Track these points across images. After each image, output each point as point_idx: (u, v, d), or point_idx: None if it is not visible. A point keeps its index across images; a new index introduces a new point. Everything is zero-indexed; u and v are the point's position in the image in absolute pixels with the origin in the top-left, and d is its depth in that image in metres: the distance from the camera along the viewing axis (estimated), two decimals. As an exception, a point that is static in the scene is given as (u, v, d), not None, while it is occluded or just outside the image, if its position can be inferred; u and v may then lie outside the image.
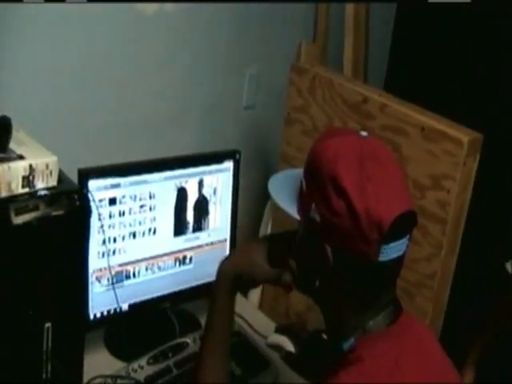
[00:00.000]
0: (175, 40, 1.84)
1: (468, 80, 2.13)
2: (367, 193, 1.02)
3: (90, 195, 1.38)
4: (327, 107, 1.77)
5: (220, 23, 1.93)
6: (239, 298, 1.81)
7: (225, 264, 1.26)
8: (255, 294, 1.99)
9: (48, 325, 1.21)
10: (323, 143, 1.09)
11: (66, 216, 1.17)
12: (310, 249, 1.10)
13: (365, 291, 1.09)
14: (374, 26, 2.29)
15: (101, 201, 1.45)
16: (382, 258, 1.03)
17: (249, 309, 1.81)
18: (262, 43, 2.08)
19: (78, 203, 1.19)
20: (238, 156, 1.67)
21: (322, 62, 2.16)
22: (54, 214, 1.17)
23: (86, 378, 1.37)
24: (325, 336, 1.26)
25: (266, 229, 2.01)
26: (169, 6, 1.79)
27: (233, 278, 1.23)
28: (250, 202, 2.11)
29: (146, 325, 1.62)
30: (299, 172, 1.16)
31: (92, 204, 1.34)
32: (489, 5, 2.08)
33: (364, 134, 1.10)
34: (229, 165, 1.66)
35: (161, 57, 1.82)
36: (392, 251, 1.04)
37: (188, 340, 1.56)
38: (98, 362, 1.50)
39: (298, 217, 1.10)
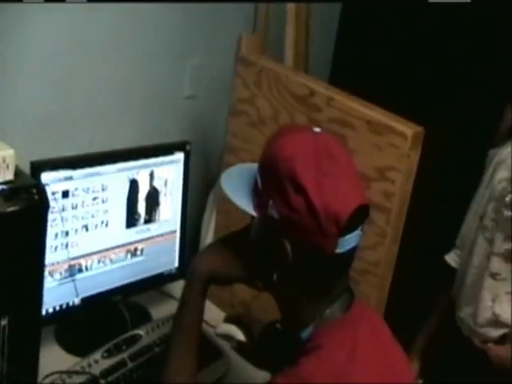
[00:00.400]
0: (120, 30, 1.83)
1: (411, 75, 2.19)
2: (324, 189, 1.06)
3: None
4: (274, 99, 1.78)
5: (162, 13, 1.93)
6: (180, 284, 1.83)
7: (199, 263, 1.25)
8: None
9: (4, 322, 1.20)
10: (279, 142, 1.13)
11: (23, 211, 1.17)
12: (267, 245, 1.14)
13: (321, 282, 1.14)
14: (319, 20, 2.33)
15: (54, 194, 1.44)
16: (339, 250, 1.08)
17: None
18: (203, 33, 2.09)
19: (36, 197, 1.18)
20: (188, 147, 1.68)
21: (263, 53, 2.18)
22: (12, 209, 1.15)
23: (39, 375, 1.36)
24: (279, 326, 1.28)
25: (210, 219, 2.02)
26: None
27: (208, 277, 1.23)
28: (191, 193, 2.12)
29: (97, 319, 1.62)
30: (252, 167, 1.18)
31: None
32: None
33: (317, 130, 1.14)
34: (179, 156, 1.67)
35: (106, 46, 1.81)
36: (348, 243, 1.10)
37: (141, 332, 1.57)
38: (50, 358, 1.49)
39: (254, 214, 1.13)
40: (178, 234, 1.71)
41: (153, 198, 1.63)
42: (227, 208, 1.94)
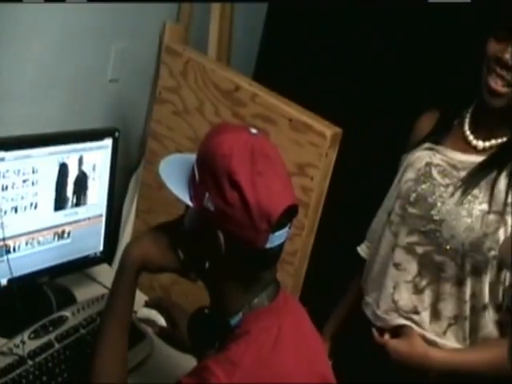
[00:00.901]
0: (46, 12, 1.81)
1: (334, 76, 2.26)
2: (258, 187, 1.13)
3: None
4: (199, 91, 1.84)
5: None
6: (104, 268, 1.87)
7: (132, 250, 1.28)
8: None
9: None
10: (217, 138, 1.18)
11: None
12: (201, 234, 1.20)
13: (251, 273, 1.22)
14: (243, 16, 2.39)
15: (-16, 175, 1.45)
16: (269, 245, 1.16)
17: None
18: (129, 18, 2.10)
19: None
20: (117, 134, 1.72)
21: (186, 43, 2.23)
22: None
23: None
24: (208, 312, 1.34)
25: (131, 204, 2.07)
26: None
27: (140, 264, 1.27)
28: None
29: (22, 300, 1.63)
30: (190, 159, 1.24)
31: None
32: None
33: (254, 131, 1.21)
34: (108, 142, 1.70)
35: (32, 28, 1.80)
36: (277, 239, 1.18)
37: (67, 314, 1.60)
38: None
39: (190, 204, 1.19)
40: (103, 218, 1.75)
41: (81, 182, 1.66)
42: (148, 193, 1.99)
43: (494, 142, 1.59)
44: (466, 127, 1.64)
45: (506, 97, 1.51)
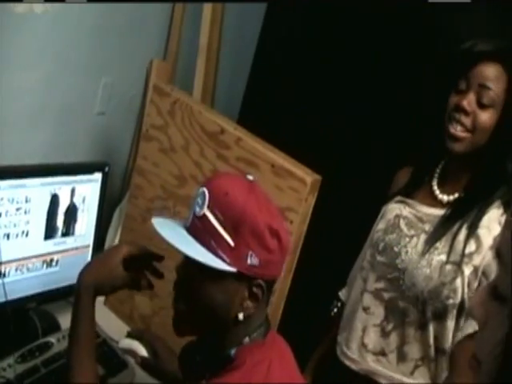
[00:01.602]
0: (40, 42, 1.88)
1: (317, 125, 2.34)
2: (282, 227, 1.25)
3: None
4: (185, 131, 1.91)
5: (82, 32, 2.00)
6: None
7: (85, 276, 1.33)
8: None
9: None
10: (241, 198, 1.22)
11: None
12: (230, 297, 1.24)
13: (263, 309, 1.31)
14: (231, 60, 2.49)
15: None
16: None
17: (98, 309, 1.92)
18: (117, 54, 2.18)
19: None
20: (107, 168, 1.79)
21: (172, 81, 2.33)
22: None
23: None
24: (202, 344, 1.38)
25: (115, 235, 2.12)
26: (38, 7, 1.83)
27: (94, 289, 1.33)
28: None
29: (9, 325, 1.67)
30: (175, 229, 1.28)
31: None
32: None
33: (251, 178, 1.30)
34: (98, 176, 1.77)
35: (25, 57, 1.86)
36: None
37: (52, 340, 1.66)
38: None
39: (231, 269, 1.20)
40: (90, 249, 1.82)
41: (71, 213, 1.73)
42: (132, 225, 2.05)
43: (457, 195, 1.69)
44: (435, 182, 1.75)
45: (465, 142, 1.62)
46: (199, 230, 1.22)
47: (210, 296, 1.23)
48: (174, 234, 1.24)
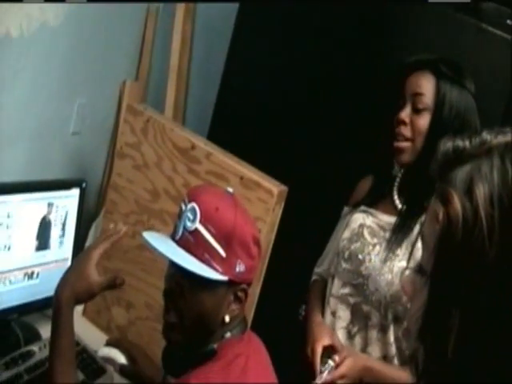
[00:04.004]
0: (14, 65, 1.93)
1: (284, 139, 2.41)
2: (259, 235, 1.41)
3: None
4: (158, 148, 1.99)
5: (57, 53, 2.06)
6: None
7: (63, 290, 1.38)
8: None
9: None
10: (229, 213, 1.34)
11: None
12: (220, 303, 1.36)
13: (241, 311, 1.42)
14: (200, 78, 2.59)
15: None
16: None
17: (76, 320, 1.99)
18: (91, 75, 2.26)
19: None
20: (84, 184, 1.88)
21: (144, 100, 2.43)
22: None
23: None
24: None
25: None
26: (15, 31, 1.91)
27: (74, 302, 1.38)
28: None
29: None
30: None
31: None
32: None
33: (230, 190, 1.41)
34: (76, 192, 1.86)
35: (1, 81, 1.91)
36: None
37: (34, 348, 1.73)
38: None
39: (223, 278, 1.32)
40: (69, 261, 1.89)
41: (50, 227, 1.81)
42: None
43: None
44: (395, 192, 1.85)
45: (408, 151, 1.73)
46: (191, 244, 1.32)
47: (202, 304, 1.34)
48: (167, 248, 1.34)
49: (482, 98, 1.78)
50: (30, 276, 1.80)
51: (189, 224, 1.31)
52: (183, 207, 1.35)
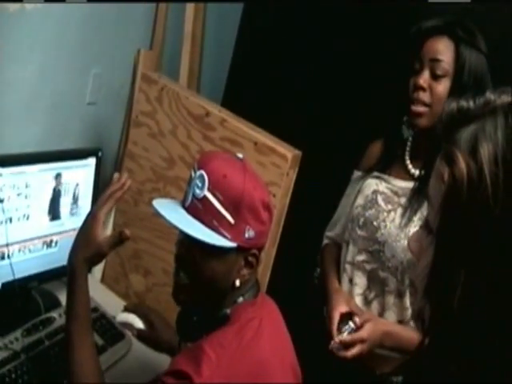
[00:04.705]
0: (32, 38, 1.95)
1: (298, 104, 2.44)
2: (270, 200, 1.39)
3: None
4: (173, 116, 2.01)
5: (71, 24, 2.07)
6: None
7: (75, 256, 1.38)
8: (98, 271, 2.21)
9: None
10: (238, 179, 1.32)
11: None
12: (230, 269, 1.37)
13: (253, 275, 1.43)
14: (214, 44, 2.58)
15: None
16: None
17: (95, 287, 2.02)
18: (106, 45, 2.25)
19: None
20: (100, 153, 1.89)
21: (159, 69, 2.42)
22: None
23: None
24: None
25: (108, 220, 2.22)
26: (30, 5, 1.92)
27: (85, 266, 1.38)
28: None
29: (15, 302, 1.79)
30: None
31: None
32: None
33: (241, 156, 1.41)
34: (92, 161, 1.88)
35: (18, 52, 1.93)
36: None
37: (54, 315, 1.78)
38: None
39: (232, 244, 1.32)
40: (86, 230, 1.92)
41: (68, 196, 1.84)
42: (125, 208, 2.16)
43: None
44: (407, 156, 1.84)
45: (426, 116, 1.72)
46: (200, 211, 1.33)
47: (212, 270, 1.35)
48: (176, 216, 1.34)
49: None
50: (49, 244, 1.84)
51: (197, 191, 1.32)
52: (193, 174, 1.36)
